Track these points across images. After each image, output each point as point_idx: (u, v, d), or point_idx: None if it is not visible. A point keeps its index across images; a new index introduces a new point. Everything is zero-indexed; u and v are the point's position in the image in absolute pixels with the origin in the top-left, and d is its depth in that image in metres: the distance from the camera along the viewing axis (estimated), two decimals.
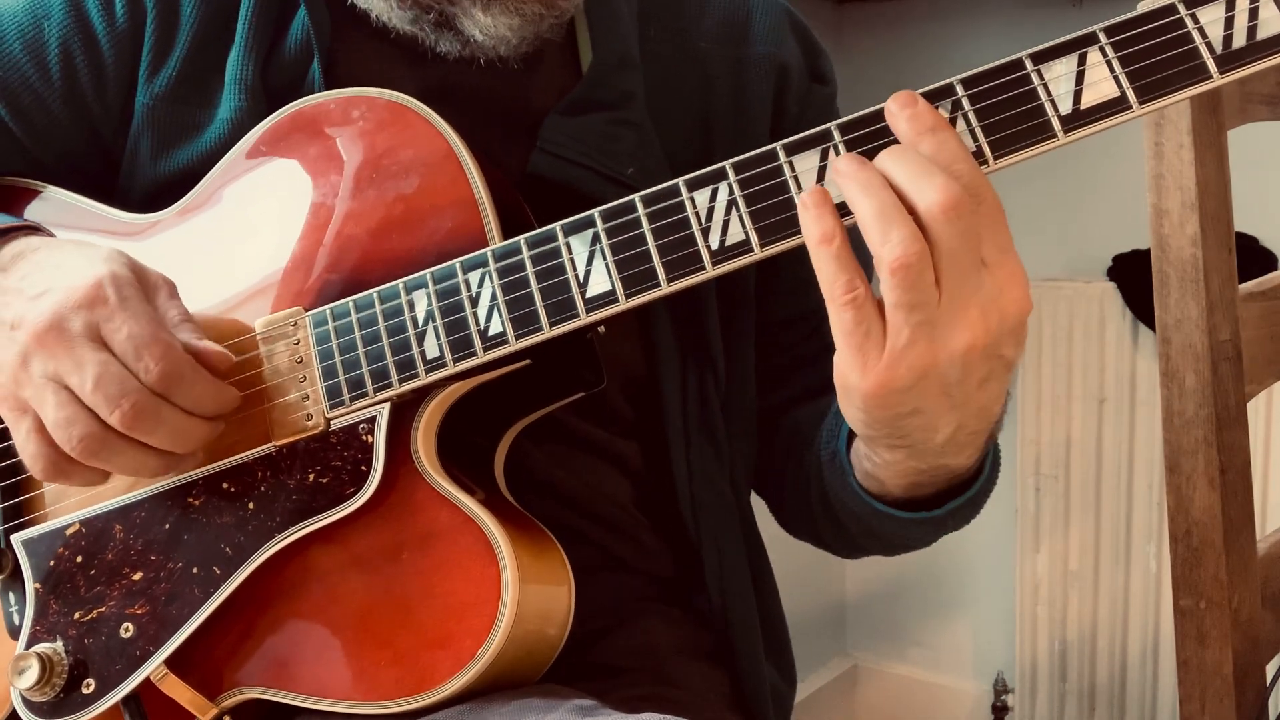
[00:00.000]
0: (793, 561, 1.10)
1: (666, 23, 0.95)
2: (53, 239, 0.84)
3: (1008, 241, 0.66)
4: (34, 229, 0.85)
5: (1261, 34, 0.64)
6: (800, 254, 0.99)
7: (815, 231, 0.66)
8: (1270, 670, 1.05)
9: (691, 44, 0.95)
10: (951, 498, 0.80)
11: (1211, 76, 0.65)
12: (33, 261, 0.79)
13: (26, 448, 0.75)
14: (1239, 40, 0.65)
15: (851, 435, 0.82)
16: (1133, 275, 1.97)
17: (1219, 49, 0.65)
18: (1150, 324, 1.00)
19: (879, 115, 0.69)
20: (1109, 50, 0.66)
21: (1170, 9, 0.66)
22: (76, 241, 0.83)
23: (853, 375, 0.67)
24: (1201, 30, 0.65)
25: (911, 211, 0.64)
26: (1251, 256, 1.79)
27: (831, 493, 0.87)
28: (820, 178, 0.69)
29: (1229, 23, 0.65)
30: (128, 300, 0.74)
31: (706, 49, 0.95)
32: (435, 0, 0.84)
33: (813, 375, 0.99)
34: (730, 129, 0.94)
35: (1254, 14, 0.64)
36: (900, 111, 0.67)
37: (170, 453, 0.75)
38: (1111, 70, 0.66)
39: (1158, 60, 0.66)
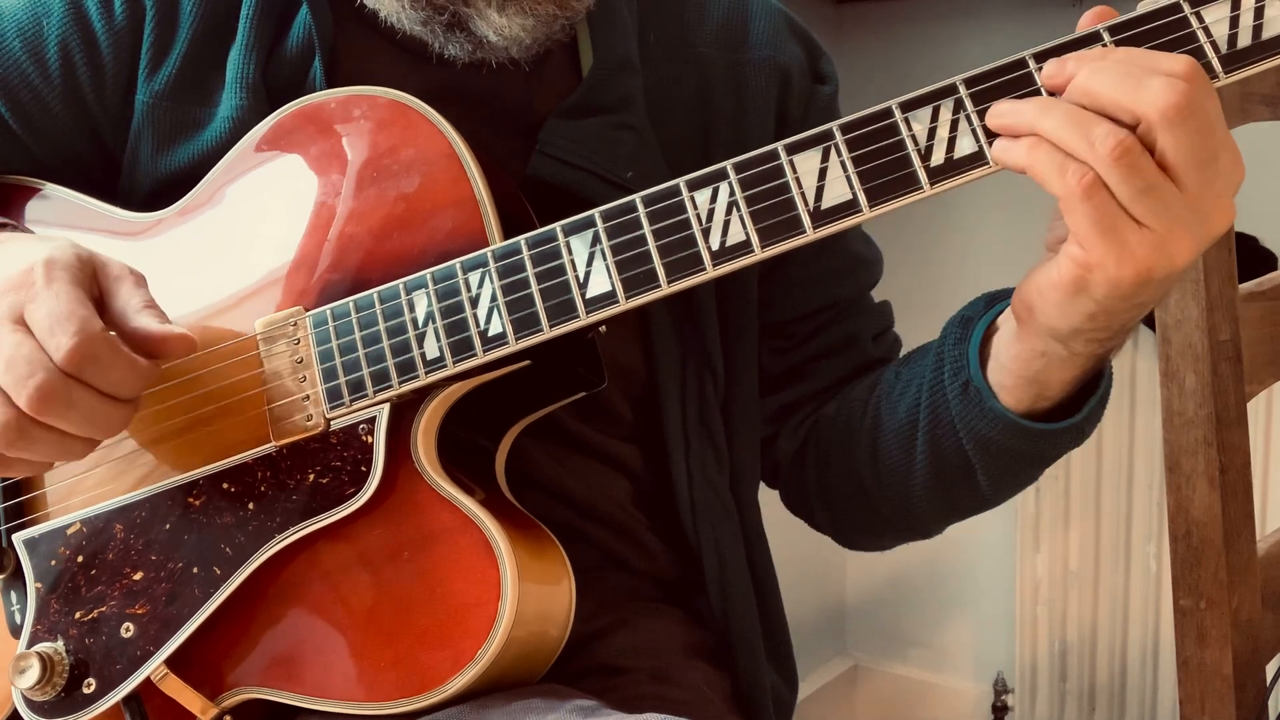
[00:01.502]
0: (793, 562, 1.10)
1: (665, 27, 0.95)
2: (21, 234, 0.83)
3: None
4: (10, 225, 0.85)
5: (1267, 33, 0.64)
6: (816, 248, 0.99)
7: (1016, 132, 0.66)
8: (1270, 670, 1.05)
9: (690, 48, 0.95)
10: (1088, 395, 0.80)
11: (1217, 76, 0.65)
12: None
13: None
14: (1244, 39, 0.64)
15: (983, 363, 0.81)
16: None
17: (1224, 48, 0.65)
18: (1150, 324, 1.00)
19: (879, 115, 0.69)
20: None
21: (1175, 7, 0.65)
22: (43, 236, 0.82)
23: (1109, 267, 0.66)
24: (1206, 29, 0.65)
25: (1138, 118, 0.63)
26: (1251, 256, 1.79)
27: (959, 431, 0.84)
28: (821, 178, 0.69)
29: (1234, 21, 0.64)
30: (54, 281, 0.71)
31: (705, 53, 0.95)
32: (449, 1, 0.84)
33: (840, 364, 0.99)
34: (730, 133, 0.94)
35: (1259, 13, 0.64)
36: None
37: (89, 439, 0.73)
38: None
39: None
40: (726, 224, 0.71)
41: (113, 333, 0.72)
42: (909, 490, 0.91)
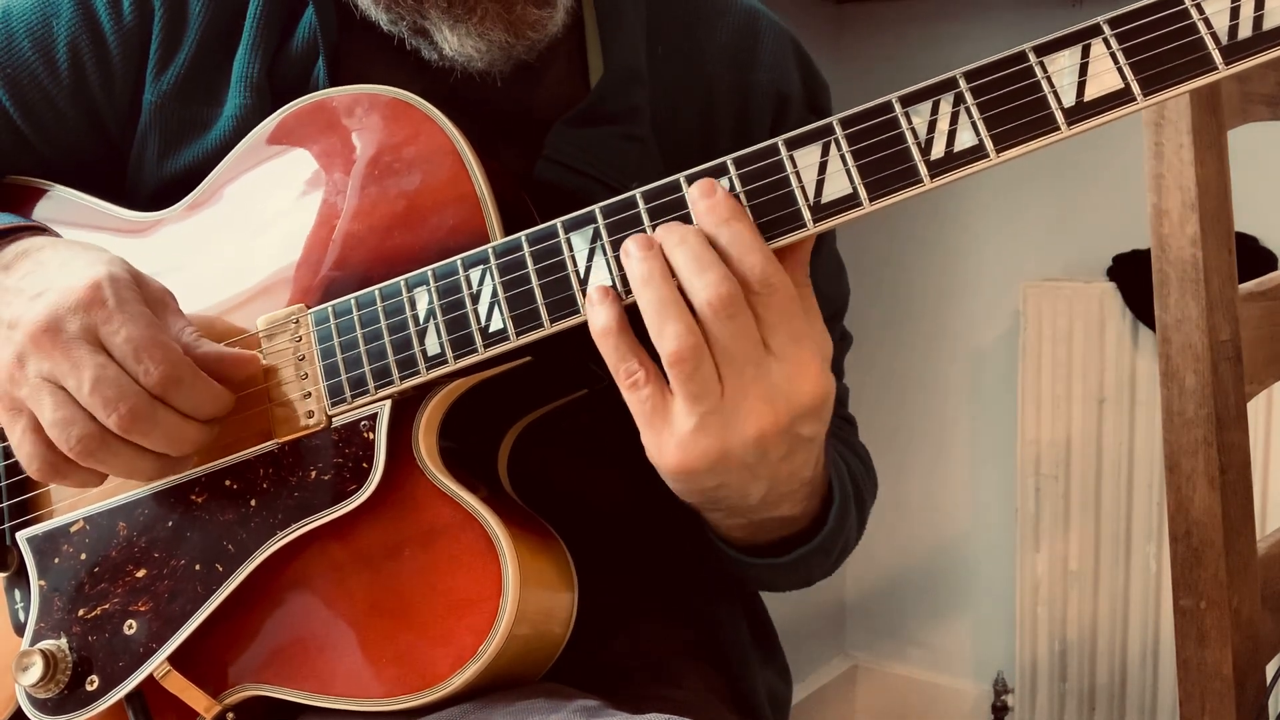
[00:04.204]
0: None
1: (675, 42, 0.95)
2: (58, 239, 0.84)
3: (801, 329, 0.69)
4: (39, 229, 0.86)
5: (1268, 24, 0.63)
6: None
7: (599, 322, 0.70)
8: (1270, 670, 1.05)
9: (698, 65, 0.95)
10: (801, 542, 0.84)
11: (1217, 67, 0.64)
12: (36, 260, 0.79)
13: (22, 448, 0.75)
14: (1245, 30, 0.64)
15: None
16: (1133, 275, 1.97)
17: (1224, 39, 0.64)
18: (1150, 324, 1.00)
19: (879, 109, 0.69)
20: (1113, 41, 0.66)
21: None
22: (82, 243, 0.84)
23: (653, 453, 0.71)
24: (1207, 20, 0.64)
25: (689, 303, 0.67)
26: (1251, 256, 1.79)
27: None
28: (821, 172, 0.70)
29: (1235, 12, 0.64)
30: (126, 303, 0.74)
31: (712, 71, 0.95)
32: (407, 12, 0.85)
33: None
34: (731, 152, 0.94)
35: (1260, 3, 0.63)
36: (701, 200, 0.70)
37: (165, 455, 0.75)
38: (1115, 61, 0.66)
39: (1162, 51, 0.65)
40: None
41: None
42: None
